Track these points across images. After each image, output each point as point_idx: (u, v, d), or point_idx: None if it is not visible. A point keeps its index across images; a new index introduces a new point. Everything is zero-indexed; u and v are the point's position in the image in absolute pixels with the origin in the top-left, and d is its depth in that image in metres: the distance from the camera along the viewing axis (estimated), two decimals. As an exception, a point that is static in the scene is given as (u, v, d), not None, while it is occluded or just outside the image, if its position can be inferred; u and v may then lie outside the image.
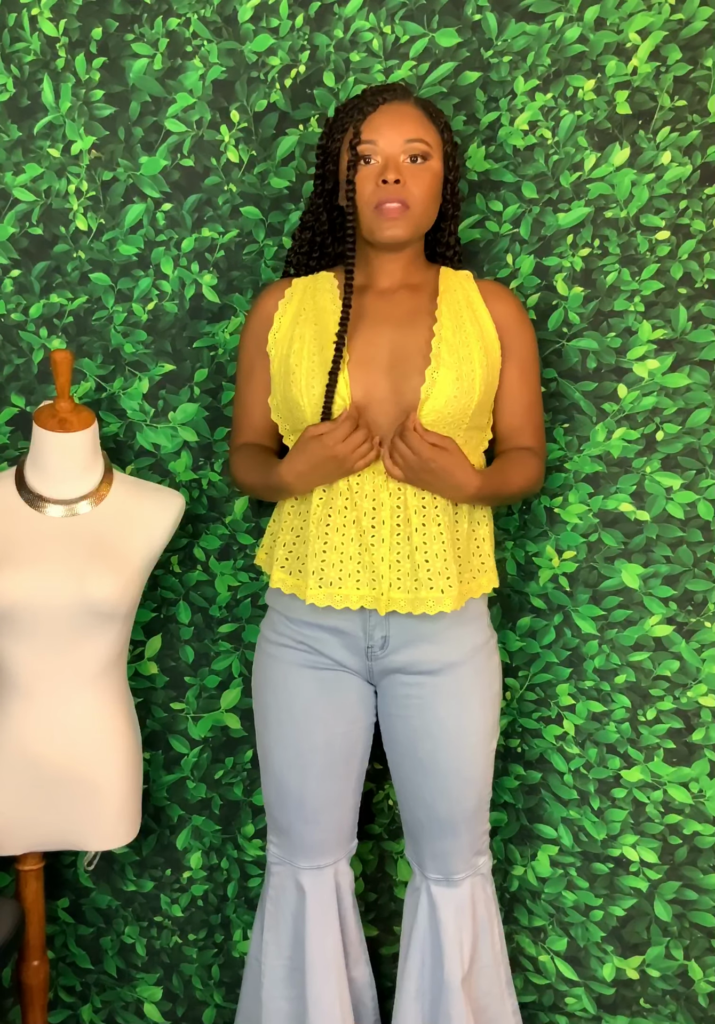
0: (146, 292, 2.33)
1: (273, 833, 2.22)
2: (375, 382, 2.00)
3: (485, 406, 2.06)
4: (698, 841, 2.35)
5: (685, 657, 2.30)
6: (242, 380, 2.17)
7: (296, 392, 2.02)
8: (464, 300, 2.07)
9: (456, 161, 2.08)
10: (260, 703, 2.17)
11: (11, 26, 2.25)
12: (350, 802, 2.19)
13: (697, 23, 2.14)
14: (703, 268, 2.21)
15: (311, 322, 2.05)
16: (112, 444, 2.37)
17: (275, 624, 2.13)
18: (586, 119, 2.20)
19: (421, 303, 2.06)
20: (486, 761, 2.12)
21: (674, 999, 2.41)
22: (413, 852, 2.19)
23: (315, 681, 2.10)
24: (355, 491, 2.00)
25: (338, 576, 2.00)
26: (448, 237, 2.15)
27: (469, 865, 2.15)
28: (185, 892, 2.52)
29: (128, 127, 2.27)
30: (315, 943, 2.17)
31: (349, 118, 2.00)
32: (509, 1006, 2.23)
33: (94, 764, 2.16)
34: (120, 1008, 2.57)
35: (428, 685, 2.07)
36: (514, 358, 2.10)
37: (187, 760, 2.47)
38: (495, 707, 2.13)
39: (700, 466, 2.25)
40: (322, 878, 2.19)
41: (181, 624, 2.43)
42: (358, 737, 2.15)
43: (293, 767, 2.12)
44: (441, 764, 2.08)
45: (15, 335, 2.35)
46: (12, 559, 2.10)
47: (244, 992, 2.29)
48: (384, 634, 2.05)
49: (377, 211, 1.98)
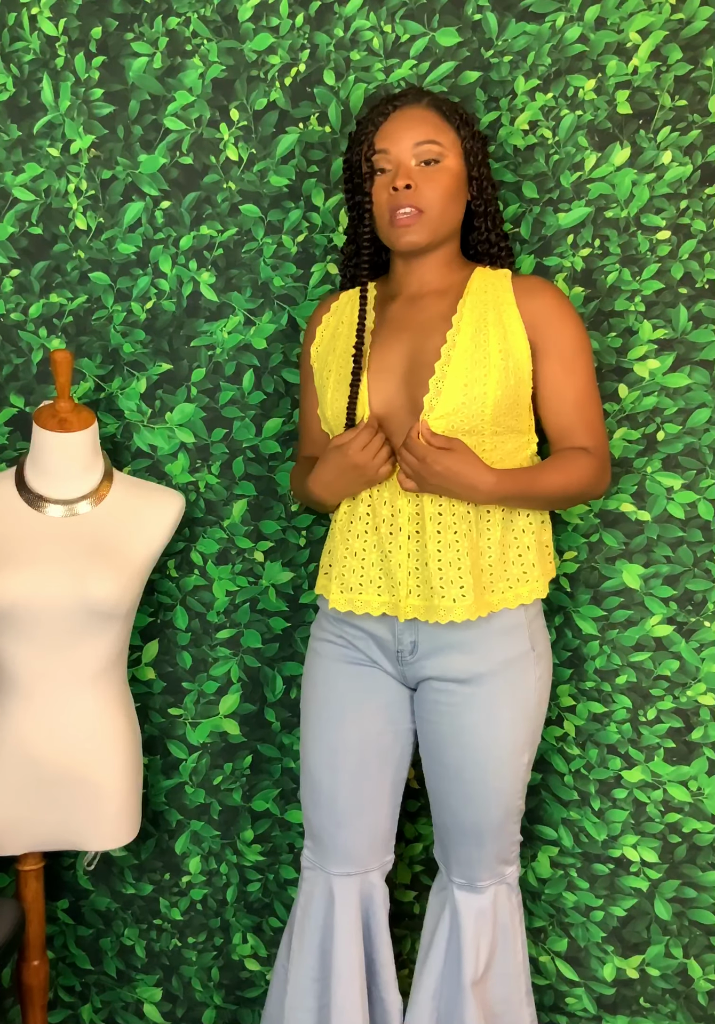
0: (145, 291, 2.32)
1: (308, 837, 2.19)
2: (394, 391, 2.00)
3: (512, 409, 1.99)
4: (697, 839, 2.35)
5: (685, 656, 2.30)
6: (301, 395, 2.21)
7: (324, 405, 2.06)
8: (492, 301, 2.01)
9: (481, 156, 2.04)
10: (304, 699, 2.18)
11: (11, 25, 2.25)
12: (385, 809, 2.15)
13: (698, 23, 2.14)
14: (704, 268, 2.21)
15: (344, 336, 2.08)
16: (109, 445, 2.36)
17: (321, 622, 2.16)
18: (586, 119, 2.20)
19: (444, 308, 2.03)
20: (514, 774, 2.08)
21: (674, 998, 2.42)
22: (441, 854, 2.18)
23: (351, 676, 2.10)
24: (375, 498, 2.01)
25: (359, 582, 2.02)
26: (487, 234, 2.10)
27: (494, 874, 2.13)
28: (184, 896, 2.51)
29: (127, 126, 2.27)
30: (341, 953, 2.12)
31: (365, 130, 2.01)
32: (527, 1016, 2.20)
33: (94, 764, 2.16)
34: (120, 1008, 2.56)
35: (459, 693, 2.04)
36: (552, 354, 2.01)
37: (186, 765, 2.47)
38: (529, 720, 2.07)
39: (700, 466, 2.25)
40: (352, 886, 2.14)
41: (178, 630, 2.42)
42: (394, 741, 2.13)
43: (326, 765, 2.11)
44: (466, 773, 2.05)
45: (15, 335, 2.34)
46: (12, 559, 2.09)
47: (270, 998, 2.26)
48: (413, 639, 2.04)
49: (391, 219, 1.98)
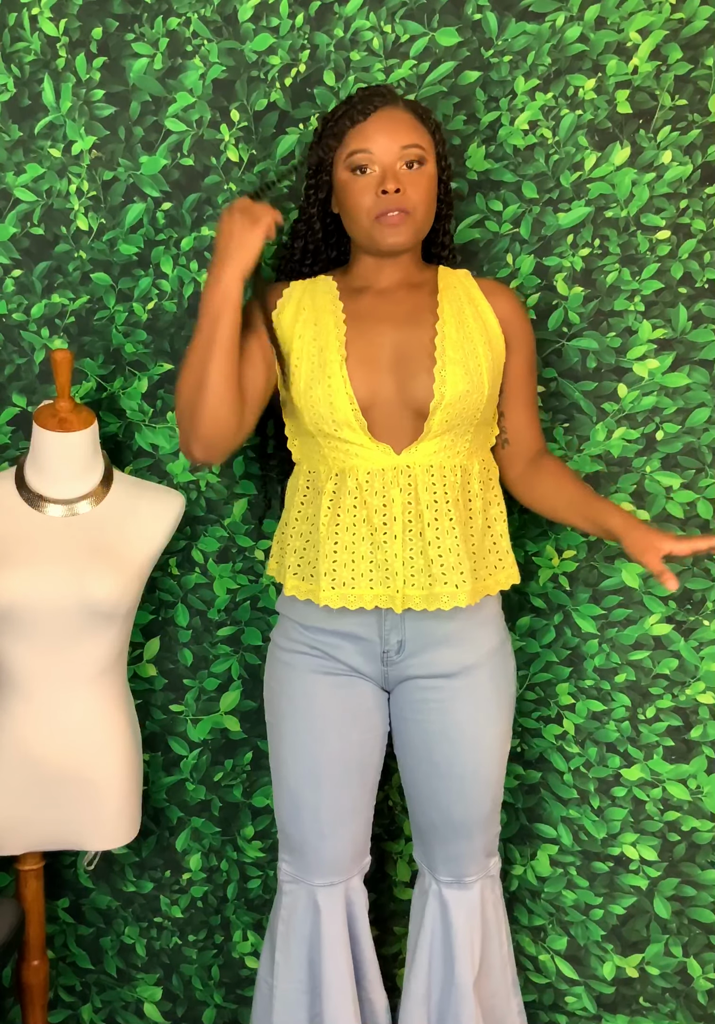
0: (146, 291, 2.32)
1: (285, 851, 2.16)
2: (380, 381, 1.99)
3: (494, 399, 2.06)
4: (696, 837, 2.36)
5: (684, 655, 2.31)
6: None
7: (295, 395, 2.02)
8: (465, 296, 2.06)
9: (448, 161, 2.08)
10: (274, 713, 2.13)
11: (11, 26, 2.25)
12: (364, 815, 2.15)
13: (698, 22, 2.15)
14: (703, 268, 2.21)
15: (311, 322, 2.05)
16: (111, 445, 2.36)
17: (288, 631, 2.11)
18: (586, 118, 2.20)
19: (422, 301, 2.05)
20: (501, 764, 2.11)
21: (674, 997, 2.42)
22: (423, 855, 2.17)
23: (330, 687, 2.07)
24: (365, 489, 1.99)
25: (351, 576, 1.99)
26: (443, 237, 2.15)
27: (481, 867, 2.14)
28: (185, 893, 2.52)
29: (128, 127, 2.27)
30: (330, 963, 2.12)
31: (340, 127, 1.99)
32: (514, 1006, 2.22)
33: (94, 764, 2.16)
34: (120, 1008, 2.57)
35: (446, 688, 2.05)
36: (520, 352, 2.09)
37: (186, 762, 2.47)
38: (510, 710, 2.12)
39: (700, 465, 2.26)
40: (336, 895, 2.14)
41: (179, 627, 2.43)
42: (373, 746, 2.13)
43: (308, 778, 2.08)
44: (457, 768, 2.06)
45: (17, 335, 2.34)
46: (12, 559, 2.09)
47: (255, 1015, 2.23)
48: (400, 638, 2.04)
49: (378, 221, 1.97)
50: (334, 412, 1.97)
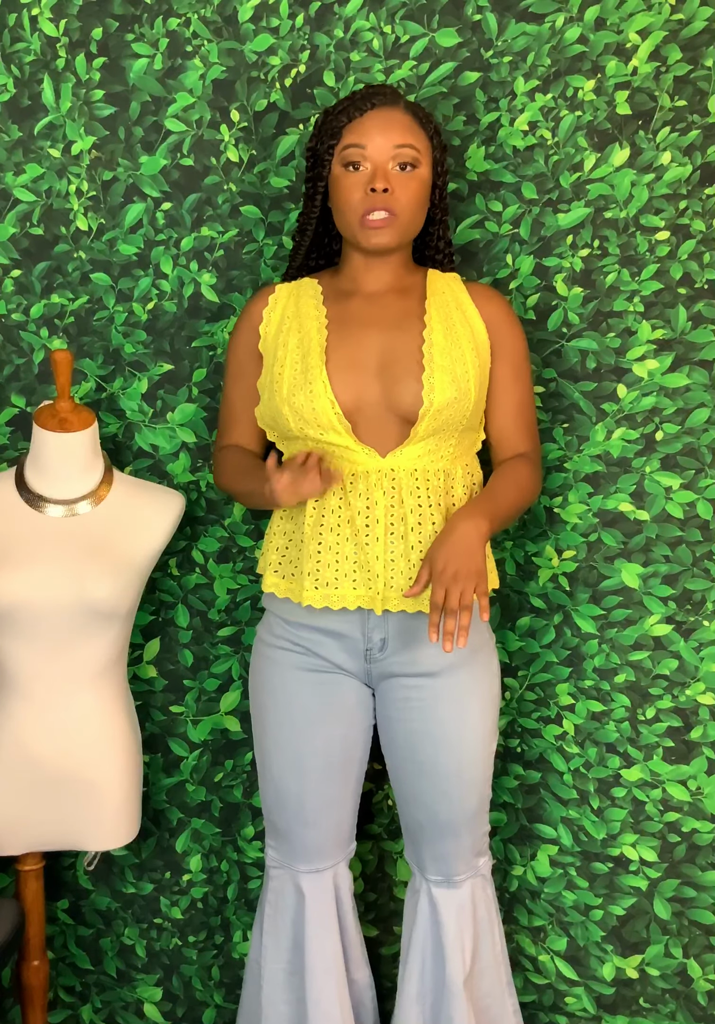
0: (146, 292, 2.32)
1: (271, 837, 2.21)
2: (365, 386, 2.00)
3: (479, 406, 2.07)
4: (696, 838, 2.36)
5: (684, 656, 2.31)
6: (230, 383, 2.16)
7: (279, 401, 2.02)
8: (453, 302, 2.07)
9: (445, 166, 2.08)
10: (258, 706, 2.16)
11: (11, 26, 2.25)
12: (349, 805, 2.19)
13: (697, 23, 2.15)
14: (703, 268, 2.22)
15: (295, 329, 2.06)
16: (111, 445, 2.36)
17: (272, 626, 2.13)
18: (586, 119, 2.20)
19: (410, 306, 2.06)
20: (486, 763, 2.12)
21: (674, 998, 2.42)
22: (413, 854, 2.19)
23: (313, 684, 2.09)
24: (349, 490, 2.00)
25: (334, 576, 2.00)
26: (437, 241, 2.15)
27: (470, 866, 2.15)
28: (185, 894, 2.52)
29: (128, 127, 2.27)
30: (314, 947, 2.16)
31: (338, 121, 2.00)
32: (509, 1006, 2.23)
33: (94, 764, 2.16)
34: (120, 1008, 2.56)
35: (428, 687, 2.06)
36: (506, 357, 2.09)
37: (186, 763, 2.47)
38: (495, 708, 2.13)
39: (699, 466, 2.26)
40: (321, 882, 2.18)
41: (179, 628, 2.43)
42: (357, 740, 2.15)
43: (292, 770, 2.12)
44: (441, 767, 2.07)
45: (16, 335, 2.34)
46: (12, 559, 2.10)
47: (245, 995, 2.28)
48: (383, 636, 2.05)
49: (364, 219, 1.98)
50: (317, 416, 1.98)
